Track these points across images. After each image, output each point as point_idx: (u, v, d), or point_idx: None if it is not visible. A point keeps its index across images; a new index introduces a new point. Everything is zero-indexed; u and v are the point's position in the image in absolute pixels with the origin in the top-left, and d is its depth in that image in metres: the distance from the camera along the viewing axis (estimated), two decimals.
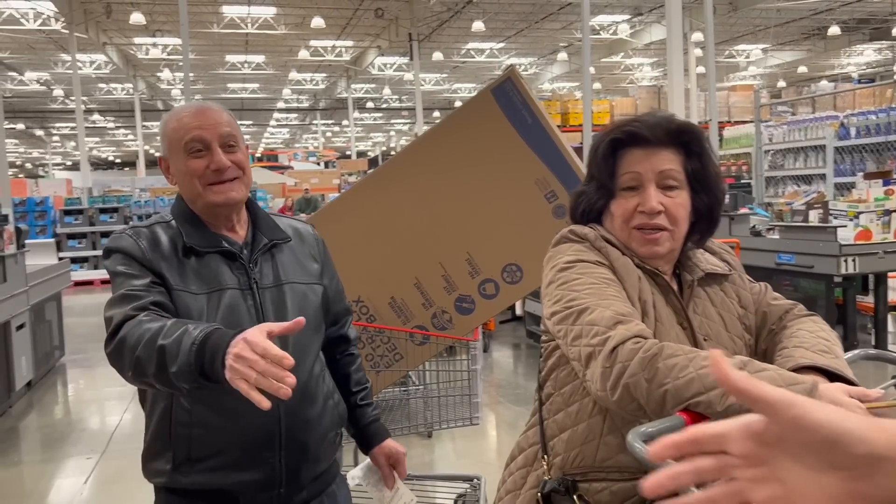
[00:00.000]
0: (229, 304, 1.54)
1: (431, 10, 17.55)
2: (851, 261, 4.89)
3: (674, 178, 1.37)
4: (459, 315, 2.89)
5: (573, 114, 12.63)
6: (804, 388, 1.06)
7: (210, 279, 1.54)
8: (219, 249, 1.57)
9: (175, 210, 1.62)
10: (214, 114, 1.60)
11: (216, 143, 1.56)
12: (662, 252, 1.39)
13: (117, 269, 1.50)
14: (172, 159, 1.59)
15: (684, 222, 1.39)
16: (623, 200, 1.39)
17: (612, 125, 1.45)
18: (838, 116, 8.89)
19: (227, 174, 1.57)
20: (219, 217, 1.61)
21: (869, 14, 19.72)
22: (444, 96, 31.13)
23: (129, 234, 1.55)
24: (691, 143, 1.39)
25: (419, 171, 2.85)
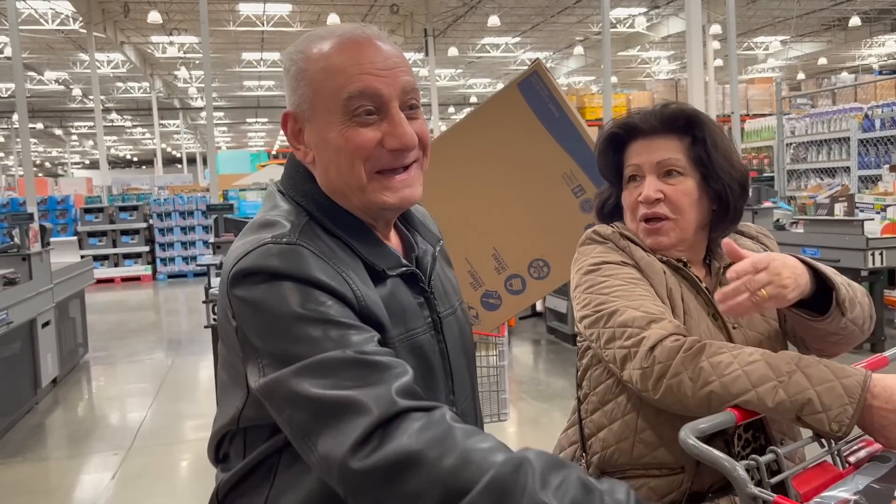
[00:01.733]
0: (423, 356, 1.07)
1: (447, 6, 17.50)
2: (879, 254, 4.82)
3: (673, 165, 1.37)
4: (486, 311, 2.87)
5: (590, 108, 12.55)
6: (858, 379, 1.05)
7: (398, 319, 1.04)
8: (402, 271, 1.08)
9: (316, 203, 1.05)
10: (392, 51, 1.04)
11: (397, 102, 1.03)
12: (668, 242, 1.38)
13: (315, 313, 0.93)
14: (315, 120, 1.03)
15: (690, 209, 1.37)
16: (627, 193, 1.42)
17: (612, 122, 1.47)
18: (862, 108, 8.77)
19: (409, 156, 1.05)
20: (379, 221, 1.10)
21: (891, 4, 19.43)
22: (459, 92, 31.08)
23: (308, 248, 0.98)
24: (690, 127, 1.38)
25: (444, 168, 2.83)
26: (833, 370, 1.07)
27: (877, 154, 8.24)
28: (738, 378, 1.09)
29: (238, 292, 0.96)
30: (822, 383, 1.05)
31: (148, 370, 6.33)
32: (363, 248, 1.05)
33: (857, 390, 1.03)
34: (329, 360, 0.91)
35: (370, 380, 0.90)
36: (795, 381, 1.06)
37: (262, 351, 0.94)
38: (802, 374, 1.07)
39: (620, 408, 1.35)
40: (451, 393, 1.10)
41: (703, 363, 1.12)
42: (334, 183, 1.06)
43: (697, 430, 0.97)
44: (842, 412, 1.03)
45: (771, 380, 1.07)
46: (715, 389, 1.10)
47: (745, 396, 1.08)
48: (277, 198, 1.09)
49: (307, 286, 0.95)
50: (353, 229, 1.06)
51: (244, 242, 1.01)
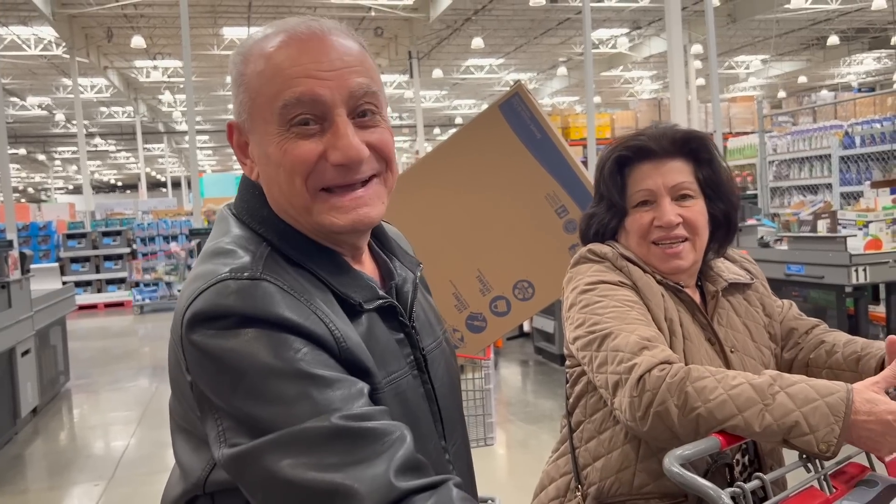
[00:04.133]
0: (406, 403, 0.92)
1: (431, 28, 17.63)
2: (862, 270, 4.84)
3: (687, 188, 1.35)
4: (471, 333, 2.85)
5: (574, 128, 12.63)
6: (841, 395, 1.03)
7: (378, 362, 0.90)
8: (379, 304, 0.94)
9: (277, 230, 0.92)
10: (345, 48, 0.90)
11: (343, 109, 0.89)
12: (686, 265, 1.36)
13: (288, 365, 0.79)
14: (255, 131, 0.91)
15: (704, 230, 1.37)
16: (638, 216, 1.37)
17: (616, 142, 1.44)
18: (843, 125, 8.88)
19: (362, 171, 0.90)
20: (339, 245, 0.96)
21: (867, 23, 19.78)
22: (444, 113, 31.24)
23: (274, 283, 0.84)
24: (699, 150, 1.37)
25: (425, 190, 2.82)
26: (816, 388, 1.05)
27: (858, 171, 8.32)
28: (724, 403, 1.07)
29: (194, 339, 0.81)
30: (807, 404, 1.03)
31: (131, 397, 6.24)
32: (334, 279, 0.90)
33: (842, 408, 1.02)
34: (309, 432, 0.76)
35: (361, 455, 0.75)
36: (780, 403, 1.05)
37: (223, 413, 0.80)
38: (786, 394, 1.05)
39: (620, 436, 1.31)
40: (442, 438, 0.98)
41: (687, 388, 1.10)
42: (280, 203, 0.91)
43: (682, 458, 0.95)
44: (829, 432, 1.01)
45: (756, 403, 1.05)
46: (702, 415, 1.08)
47: (732, 421, 1.06)
48: (231, 222, 0.94)
49: (276, 331, 0.80)
50: (321, 258, 0.91)
51: (197, 276, 0.86)
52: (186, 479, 0.90)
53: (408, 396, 0.93)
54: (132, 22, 16.24)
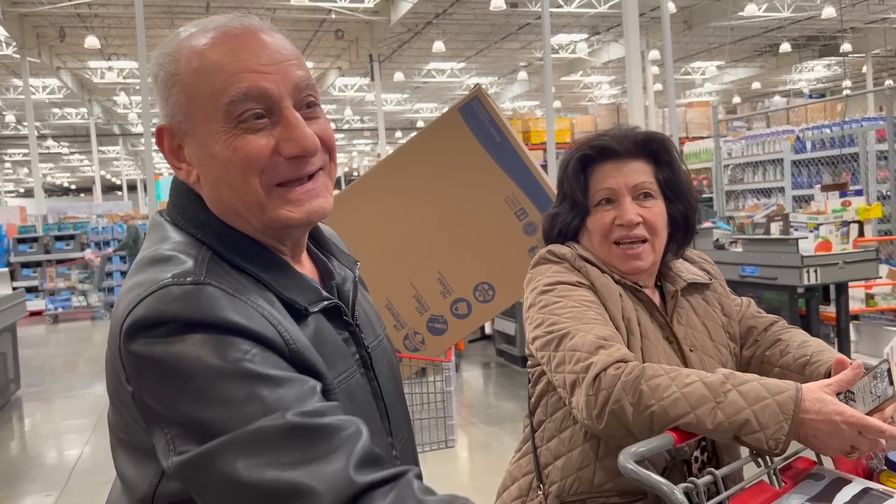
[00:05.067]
0: (356, 401, 0.92)
1: (392, 31, 17.62)
2: (813, 272, 4.97)
3: (648, 188, 1.37)
4: (432, 336, 2.85)
5: (535, 132, 12.74)
6: (790, 394, 1.06)
7: (330, 362, 0.90)
8: (324, 305, 0.93)
9: (217, 234, 0.90)
10: (279, 43, 0.91)
11: (290, 102, 0.88)
12: (645, 266, 1.37)
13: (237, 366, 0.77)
14: (195, 132, 0.88)
15: (663, 231, 1.39)
16: (599, 215, 1.38)
17: (580, 142, 1.45)
18: (794, 130, 9.12)
19: (313, 163, 0.90)
20: (287, 243, 0.95)
21: (818, 31, 20.34)
22: (406, 116, 31.23)
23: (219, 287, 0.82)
24: (660, 151, 1.40)
25: (386, 192, 2.82)
26: (767, 387, 1.08)
27: (809, 174, 8.55)
28: (677, 400, 1.09)
29: (134, 348, 0.78)
30: (758, 402, 1.06)
31: (85, 405, 6.09)
32: (278, 282, 0.88)
33: (791, 406, 1.04)
34: (263, 430, 0.74)
35: (318, 452, 0.74)
36: (732, 400, 1.07)
37: (170, 421, 0.77)
38: (738, 393, 1.07)
39: (580, 435, 1.32)
40: (388, 435, 0.98)
41: (642, 387, 1.12)
42: (228, 203, 0.89)
43: (636, 455, 0.97)
44: (778, 430, 1.03)
45: (709, 401, 1.07)
46: (656, 412, 1.10)
47: (685, 419, 1.08)
48: (168, 228, 0.91)
49: (223, 334, 0.77)
50: (263, 261, 0.89)
51: (136, 285, 0.83)
52: (132, 494, 0.86)
53: (357, 395, 0.93)
54: (86, 21, 15.89)
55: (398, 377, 1.10)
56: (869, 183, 7.48)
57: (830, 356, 1.28)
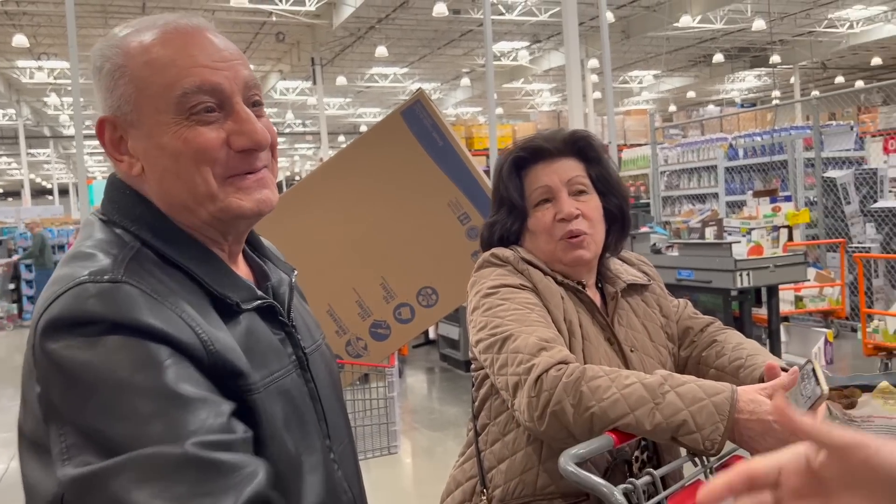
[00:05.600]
0: (292, 400, 0.92)
1: (334, 35, 17.49)
2: (746, 275, 5.13)
3: (581, 183, 1.41)
4: (375, 341, 2.83)
5: (478, 138, 12.84)
6: (726, 395, 1.08)
7: (260, 361, 0.89)
8: (258, 304, 0.93)
9: (152, 228, 0.89)
10: (227, 43, 0.94)
11: (240, 98, 0.91)
12: (588, 256, 1.40)
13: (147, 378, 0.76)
14: (142, 123, 0.88)
15: (601, 224, 1.42)
16: (540, 215, 1.41)
17: (512, 146, 1.49)
18: (727, 138, 9.41)
19: (260, 158, 0.93)
20: (227, 237, 0.96)
21: (749, 43, 21.08)
22: (349, 121, 31.04)
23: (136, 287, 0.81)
24: (587, 148, 1.44)
25: (328, 196, 2.79)
26: (703, 388, 1.10)
27: (741, 181, 8.84)
28: (616, 402, 1.10)
29: (48, 347, 0.77)
30: (695, 403, 1.08)
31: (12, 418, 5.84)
32: (211, 278, 0.89)
33: (726, 407, 1.07)
34: (161, 456, 0.72)
35: (208, 488, 0.72)
36: (670, 402, 1.09)
37: (70, 428, 0.75)
38: (676, 394, 1.10)
39: (523, 438, 1.33)
40: (326, 437, 0.98)
41: (582, 388, 1.13)
42: (175, 196, 0.89)
43: (576, 457, 0.98)
44: (714, 430, 1.06)
45: (648, 402, 1.09)
46: (596, 413, 1.11)
47: (624, 420, 1.09)
48: (96, 226, 0.91)
49: (140, 339, 0.77)
50: (197, 257, 0.89)
51: (53, 281, 0.83)
52: (36, 501, 0.81)
53: (293, 395, 0.92)
54: (14, 19, 15.29)
55: (337, 382, 1.10)
56: (797, 189, 7.77)
57: (763, 359, 1.32)
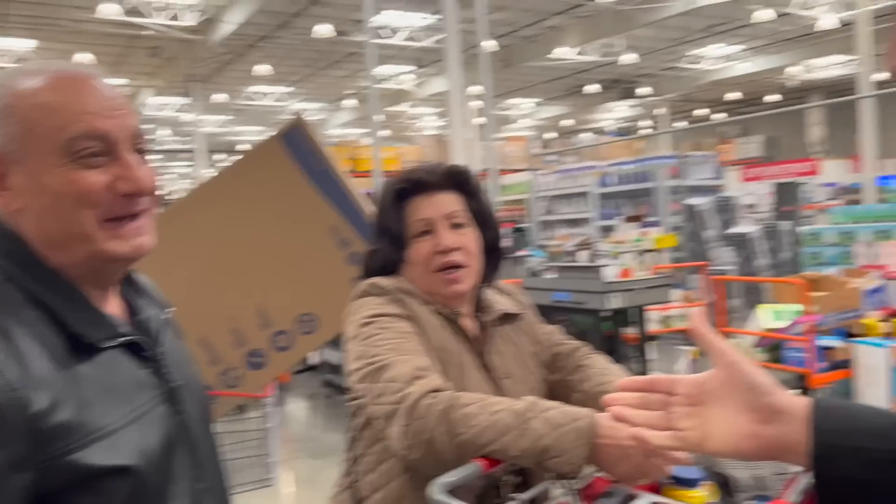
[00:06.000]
0: (158, 432, 0.94)
1: (212, 52, 17.01)
2: (616, 296, 5.38)
3: (460, 216, 1.45)
4: (251, 370, 2.75)
5: (362, 160, 12.85)
6: (586, 421, 1.12)
7: (122, 396, 0.91)
8: (122, 341, 0.95)
9: (19, 262, 0.91)
10: (115, 92, 0.97)
11: (128, 145, 0.95)
12: (465, 289, 1.44)
13: None
14: (27, 161, 0.91)
15: (478, 256, 1.46)
16: (419, 246, 1.43)
17: (394, 178, 1.52)
18: (600, 166, 9.90)
19: (141, 203, 0.97)
20: (101, 279, 0.98)
21: (620, 75, 22.30)
22: (227, 139, 30.18)
23: None
24: (465, 183, 1.49)
25: (202, 221, 2.70)
26: (566, 414, 1.14)
27: (613, 206, 9.31)
28: (485, 429, 1.13)
29: None
30: (558, 428, 1.12)
31: None
32: (73, 317, 0.90)
33: (586, 432, 1.11)
34: None
35: None
36: (534, 428, 1.12)
37: None
38: (540, 420, 1.13)
39: (397, 467, 1.33)
40: (194, 469, 1.00)
41: (453, 416, 1.15)
42: (51, 234, 0.92)
43: (446, 485, 0.99)
44: (574, 454, 1.10)
45: (513, 429, 1.12)
46: (466, 441, 1.13)
47: (492, 446, 1.12)
48: None
49: None
50: (62, 295, 0.91)
51: None
52: None
53: (160, 426, 0.95)
54: None
55: (208, 418, 1.12)
56: (663, 215, 8.27)
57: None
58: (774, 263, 7.23)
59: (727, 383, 0.75)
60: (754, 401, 0.73)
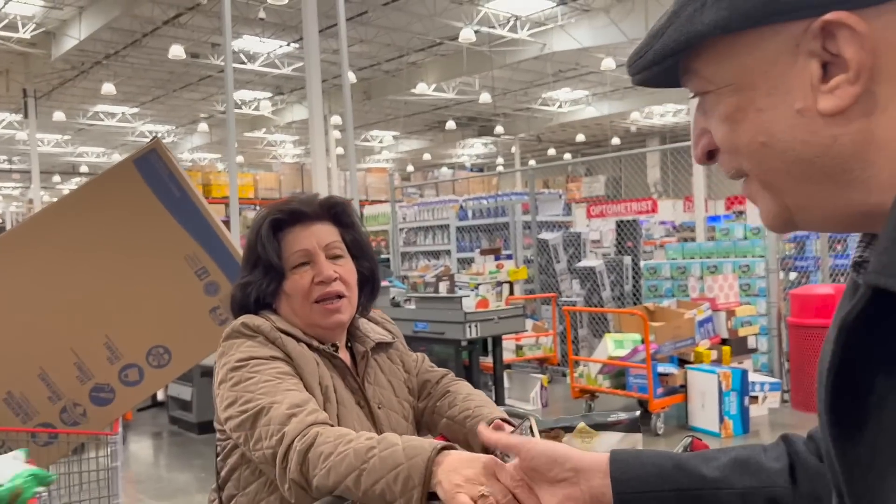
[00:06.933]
0: None
1: (52, 67, 15.90)
2: (474, 326, 5.53)
3: (337, 247, 1.46)
4: (95, 406, 2.58)
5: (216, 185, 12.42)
6: (423, 457, 1.06)
7: None
8: None
9: None
10: None
11: None
12: (345, 319, 1.44)
13: None
14: None
15: (356, 287, 1.48)
16: (297, 277, 1.42)
17: (269, 207, 1.50)
18: (458, 200, 10.16)
19: None
20: None
21: (477, 113, 23.12)
22: (66, 160, 28.16)
23: None
24: (342, 214, 1.50)
25: (46, 246, 2.52)
26: (406, 451, 1.08)
27: (471, 239, 9.57)
28: (332, 469, 1.11)
29: None
30: (393, 468, 1.06)
31: None
32: None
33: (421, 471, 1.04)
34: None
35: None
36: (373, 467, 1.08)
37: None
38: (380, 458, 1.08)
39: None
40: None
41: (310, 455, 1.14)
42: None
43: None
44: (411, 497, 1.03)
45: (355, 469, 1.09)
46: (319, 480, 1.12)
47: (340, 487, 1.10)
48: None
49: None
50: None
51: None
52: None
53: None
54: None
55: None
56: (517, 249, 8.60)
57: (490, 411, 1.44)
58: (618, 295, 7.72)
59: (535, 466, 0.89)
60: (559, 472, 0.87)
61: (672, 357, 5.66)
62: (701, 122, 0.65)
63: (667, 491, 0.82)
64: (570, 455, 0.87)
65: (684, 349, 5.70)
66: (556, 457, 0.87)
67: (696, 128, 0.66)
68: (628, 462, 0.84)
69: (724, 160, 0.64)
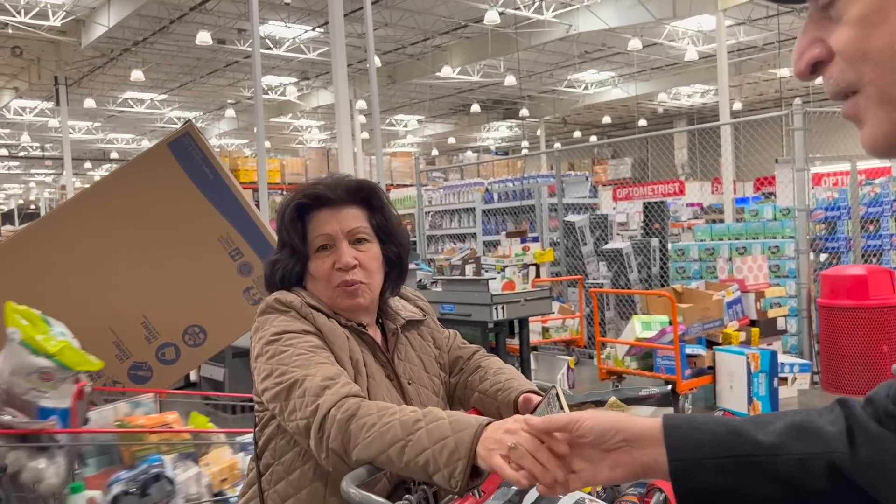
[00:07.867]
0: None
1: (82, 55, 16.11)
2: (501, 308, 5.55)
3: (362, 232, 1.47)
4: (133, 384, 2.66)
5: (243, 171, 12.53)
6: (470, 432, 1.09)
7: None
8: None
9: None
10: None
11: None
12: (365, 304, 1.47)
13: None
14: None
15: (378, 273, 1.50)
16: (320, 261, 1.46)
17: (295, 190, 1.52)
18: (484, 183, 10.16)
19: None
20: None
21: (502, 96, 23.00)
22: (97, 146, 28.58)
23: None
24: (371, 198, 1.51)
25: (85, 228, 2.59)
26: (453, 425, 1.11)
27: (496, 222, 9.57)
28: (374, 440, 1.14)
29: None
30: (439, 441, 1.09)
31: None
32: None
33: (468, 444, 1.06)
34: None
35: None
36: (418, 439, 1.10)
37: None
38: (426, 431, 1.11)
39: (308, 476, 1.35)
40: None
41: (351, 426, 1.17)
42: None
43: (357, 479, 1.03)
44: (455, 468, 1.06)
45: (399, 440, 1.12)
46: (360, 451, 1.15)
47: (381, 457, 1.13)
48: None
49: None
50: None
51: None
52: None
53: None
54: None
55: None
56: (543, 231, 8.59)
57: (520, 384, 1.47)
58: (645, 277, 7.69)
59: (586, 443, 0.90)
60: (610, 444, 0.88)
61: (700, 338, 5.64)
62: (813, 32, 0.61)
63: (723, 458, 0.80)
64: (617, 427, 0.87)
65: (712, 331, 5.68)
66: (604, 431, 0.87)
67: (804, 39, 0.62)
68: (682, 428, 0.83)
69: (837, 70, 0.60)
